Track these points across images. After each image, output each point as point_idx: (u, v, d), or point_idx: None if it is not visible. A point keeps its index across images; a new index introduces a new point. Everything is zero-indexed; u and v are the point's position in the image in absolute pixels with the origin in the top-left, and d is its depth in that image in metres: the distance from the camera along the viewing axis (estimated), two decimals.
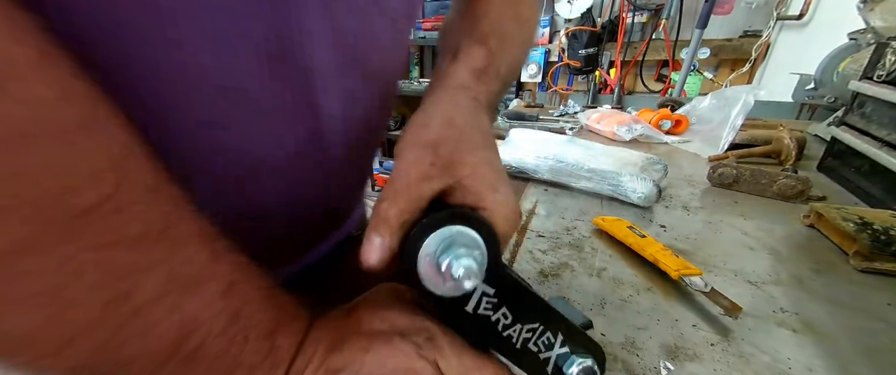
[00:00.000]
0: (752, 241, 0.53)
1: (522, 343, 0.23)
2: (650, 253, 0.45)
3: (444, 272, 0.19)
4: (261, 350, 0.20)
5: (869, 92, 0.68)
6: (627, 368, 0.33)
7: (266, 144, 0.26)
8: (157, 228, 0.15)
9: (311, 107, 0.26)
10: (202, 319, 0.17)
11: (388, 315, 0.24)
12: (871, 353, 0.35)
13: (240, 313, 0.19)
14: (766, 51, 1.97)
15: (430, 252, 0.19)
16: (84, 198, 0.13)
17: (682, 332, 0.36)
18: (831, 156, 0.76)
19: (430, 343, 0.23)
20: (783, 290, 0.43)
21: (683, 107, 1.11)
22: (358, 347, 0.22)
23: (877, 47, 0.69)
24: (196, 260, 0.17)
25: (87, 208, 0.13)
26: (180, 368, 0.17)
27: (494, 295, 0.21)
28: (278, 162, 0.27)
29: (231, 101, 0.22)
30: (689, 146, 0.95)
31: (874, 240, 0.46)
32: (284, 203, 0.31)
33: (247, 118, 0.24)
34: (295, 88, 0.24)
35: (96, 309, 0.14)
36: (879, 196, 0.63)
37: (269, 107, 0.24)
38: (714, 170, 0.69)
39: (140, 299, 0.15)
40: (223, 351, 0.18)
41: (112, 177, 0.14)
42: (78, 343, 0.14)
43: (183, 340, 0.17)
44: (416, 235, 0.19)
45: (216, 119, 0.23)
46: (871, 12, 0.94)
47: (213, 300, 0.18)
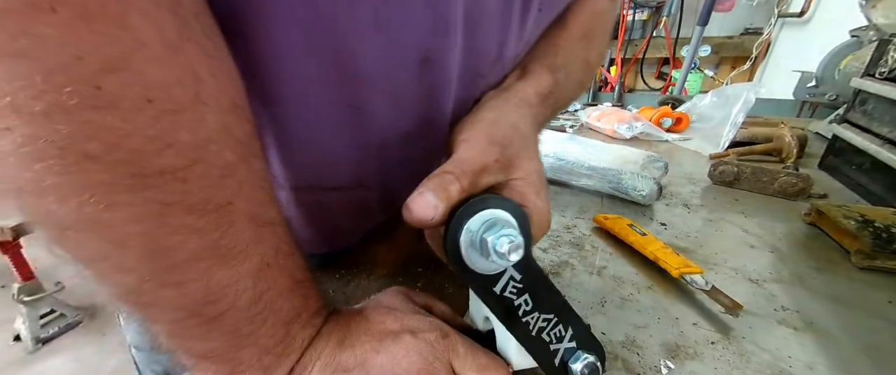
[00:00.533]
0: (752, 239, 0.52)
1: (537, 332, 0.24)
2: (651, 252, 0.45)
3: (486, 248, 0.20)
4: (275, 335, 0.21)
5: (871, 89, 0.67)
6: (628, 366, 0.33)
7: (391, 126, 0.29)
8: (215, 202, 0.17)
9: (431, 100, 0.29)
10: (228, 291, 0.18)
11: (399, 316, 0.25)
12: (871, 351, 0.35)
13: (264, 295, 0.20)
14: (767, 48, 1.96)
15: (474, 229, 0.21)
16: (161, 162, 0.15)
17: (683, 330, 0.36)
18: (832, 154, 0.76)
19: (444, 342, 0.23)
20: (784, 288, 0.43)
21: (684, 104, 1.10)
22: (369, 347, 0.23)
23: (879, 44, 0.69)
24: (239, 238, 0.18)
25: (161, 170, 0.15)
26: (198, 328, 0.19)
27: (520, 281, 0.23)
28: (398, 141, 0.31)
29: (379, 91, 0.26)
30: (690, 144, 0.94)
31: (875, 238, 0.46)
32: (387, 178, 0.35)
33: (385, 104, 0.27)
34: (428, 87, 0.28)
35: (140, 253, 0.16)
36: (880, 193, 0.62)
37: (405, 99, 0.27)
38: (715, 168, 0.69)
39: (179, 257, 0.17)
40: (241, 326, 0.19)
41: (192, 153, 0.16)
42: (121, 276, 0.17)
43: (206, 304, 0.18)
44: (464, 212, 0.21)
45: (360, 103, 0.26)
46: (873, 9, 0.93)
47: (242, 277, 0.19)
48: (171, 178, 0.15)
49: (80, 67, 0.13)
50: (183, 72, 0.15)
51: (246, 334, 0.20)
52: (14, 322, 1.52)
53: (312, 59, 0.22)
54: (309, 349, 0.22)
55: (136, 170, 0.15)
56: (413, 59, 0.25)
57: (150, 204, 0.15)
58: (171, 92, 0.15)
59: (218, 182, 0.17)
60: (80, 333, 1.58)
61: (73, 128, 0.13)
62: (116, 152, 0.14)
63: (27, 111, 0.13)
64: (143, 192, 0.15)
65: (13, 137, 0.13)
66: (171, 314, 0.18)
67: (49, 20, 0.12)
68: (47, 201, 0.14)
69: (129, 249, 0.16)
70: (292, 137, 0.27)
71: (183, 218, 0.16)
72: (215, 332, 0.19)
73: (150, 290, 0.17)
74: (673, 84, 2.10)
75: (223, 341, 0.20)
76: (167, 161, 0.15)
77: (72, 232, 0.15)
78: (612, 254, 0.49)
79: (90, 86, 0.13)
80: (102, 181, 0.14)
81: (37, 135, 0.13)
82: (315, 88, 0.24)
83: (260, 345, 0.20)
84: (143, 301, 0.18)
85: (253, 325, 0.20)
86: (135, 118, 0.14)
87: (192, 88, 0.16)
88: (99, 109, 0.13)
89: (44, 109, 0.13)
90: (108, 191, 0.14)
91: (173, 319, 0.18)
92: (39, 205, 0.15)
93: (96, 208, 0.14)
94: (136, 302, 0.18)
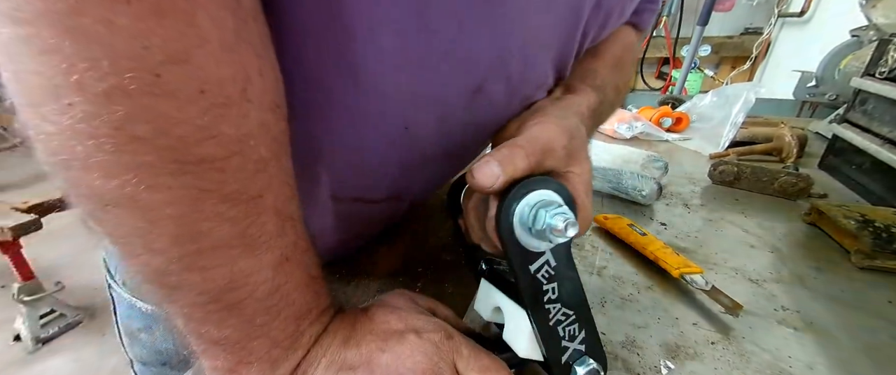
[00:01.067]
0: (752, 239, 0.52)
1: (554, 323, 0.24)
2: (651, 251, 0.45)
3: (539, 223, 0.21)
4: (286, 328, 0.21)
5: (871, 89, 0.67)
6: (628, 367, 0.33)
7: (436, 145, 0.31)
8: (248, 194, 0.18)
9: (477, 124, 0.31)
10: (249, 280, 0.19)
11: (404, 316, 0.25)
12: (871, 351, 0.35)
13: (281, 288, 0.21)
14: (767, 48, 1.96)
15: (531, 203, 0.22)
16: (202, 151, 0.16)
17: (683, 331, 0.36)
18: (832, 154, 0.76)
19: (448, 343, 0.24)
20: (784, 288, 0.43)
21: (684, 104, 1.10)
22: (374, 346, 0.23)
23: (879, 44, 0.69)
24: (264, 230, 0.19)
25: (202, 159, 0.16)
26: (217, 313, 0.19)
27: (554, 269, 0.23)
28: (439, 158, 0.33)
29: (432, 115, 0.27)
30: (690, 144, 0.94)
31: (875, 238, 0.46)
32: (420, 191, 0.37)
33: (434, 126, 0.29)
34: (477, 112, 0.29)
35: (173, 235, 0.17)
36: (880, 193, 0.62)
37: (454, 122, 0.29)
38: (715, 168, 0.69)
39: (208, 242, 0.17)
40: (257, 316, 0.20)
41: (233, 145, 0.17)
42: (150, 255, 0.17)
43: (227, 291, 0.19)
44: (524, 187, 0.22)
45: (413, 125, 0.28)
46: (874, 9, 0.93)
47: (264, 267, 0.20)
48: (210, 167, 0.16)
49: (146, 57, 0.14)
50: (235, 70, 0.16)
51: (260, 324, 0.20)
52: (14, 322, 1.51)
53: (386, 79, 0.24)
54: (315, 345, 0.23)
55: (180, 156, 0.16)
56: (470, 87, 0.26)
57: (188, 190, 0.16)
58: (223, 87, 0.16)
59: (252, 175, 0.18)
60: (80, 333, 1.58)
61: (129, 111, 0.14)
62: (164, 137, 0.15)
63: (91, 90, 0.14)
64: (183, 177, 0.16)
65: (73, 113, 0.14)
66: (193, 297, 0.19)
67: (126, 11, 0.13)
68: (93, 176, 0.15)
69: (163, 230, 0.17)
70: (345, 149, 0.28)
71: (217, 206, 0.17)
72: (232, 320, 0.20)
73: (178, 272, 0.18)
74: (673, 84, 2.10)
75: (238, 329, 0.20)
76: (209, 150, 0.16)
77: (111, 207, 0.16)
78: (612, 254, 0.49)
79: (151, 75, 0.14)
80: (148, 163, 0.15)
81: (96, 114, 0.14)
82: (392, 102, 0.26)
83: (271, 337, 0.21)
84: (170, 282, 0.18)
85: (268, 316, 0.20)
86: (186, 108, 0.15)
87: (240, 85, 0.17)
88: (155, 96, 0.14)
89: (106, 90, 0.14)
90: (151, 173, 0.15)
91: (194, 303, 0.19)
92: (84, 179, 0.15)
93: (138, 188, 0.15)
94: (163, 282, 0.18)
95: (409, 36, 0.22)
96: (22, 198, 1.48)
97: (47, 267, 1.85)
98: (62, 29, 0.13)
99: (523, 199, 0.22)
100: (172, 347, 0.42)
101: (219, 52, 0.15)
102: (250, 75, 0.17)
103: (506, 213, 0.22)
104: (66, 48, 0.13)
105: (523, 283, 0.23)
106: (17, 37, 0.13)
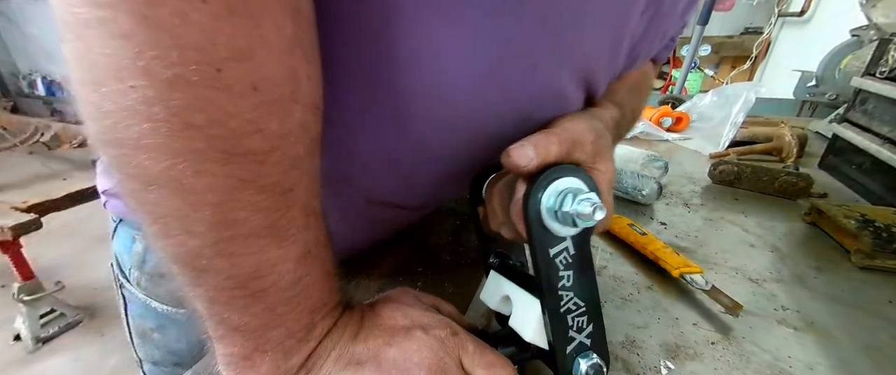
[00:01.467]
0: (753, 239, 0.52)
1: (565, 311, 0.24)
2: (651, 251, 0.45)
3: (566, 206, 0.22)
4: (302, 320, 0.22)
5: (871, 88, 0.67)
6: (628, 367, 0.33)
7: (475, 161, 0.32)
8: (282, 187, 0.19)
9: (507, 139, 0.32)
10: (275, 269, 0.20)
11: (409, 312, 0.26)
12: (871, 351, 0.35)
13: (302, 280, 0.21)
14: (767, 48, 1.96)
15: (559, 188, 0.23)
16: (248, 144, 0.17)
17: (683, 331, 0.36)
18: (832, 154, 0.76)
19: (454, 339, 0.24)
20: (784, 288, 0.43)
21: (684, 104, 1.10)
22: (381, 341, 0.24)
23: (879, 44, 0.69)
24: (293, 223, 0.20)
25: (247, 151, 0.17)
26: (241, 300, 0.20)
27: (572, 257, 0.24)
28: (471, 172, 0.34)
29: (482, 136, 0.29)
30: (690, 143, 0.94)
31: (876, 238, 0.46)
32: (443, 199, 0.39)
33: (482, 147, 0.30)
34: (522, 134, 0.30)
35: (210, 220, 0.18)
36: (880, 193, 0.62)
37: (497, 142, 0.29)
38: (715, 168, 0.69)
39: (242, 230, 0.18)
40: (278, 305, 0.21)
41: (276, 141, 0.18)
42: (185, 237, 0.18)
43: (254, 278, 0.20)
44: (555, 171, 0.23)
45: (464, 147, 0.30)
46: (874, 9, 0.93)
47: (289, 258, 0.20)
48: (252, 159, 0.17)
49: (212, 51, 0.15)
50: (288, 72, 0.17)
51: (280, 314, 0.21)
52: (14, 321, 1.52)
53: (469, 97, 0.25)
54: (325, 339, 0.23)
55: (228, 147, 0.16)
56: (521, 116, 0.28)
57: (230, 178, 0.17)
58: (275, 86, 0.17)
59: (288, 170, 0.19)
60: (80, 333, 1.58)
61: (188, 100, 0.15)
62: (217, 128, 0.16)
63: (156, 77, 0.14)
64: (228, 166, 0.17)
65: (135, 96, 0.15)
66: (220, 281, 0.19)
67: (201, 8, 0.14)
68: (143, 157, 0.16)
69: (203, 215, 0.17)
70: (398, 159, 0.29)
71: (254, 196, 0.18)
72: (254, 307, 0.20)
73: (210, 256, 0.18)
74: (673, 83, 2.10)
75: (259, 317, 0.21)
76: (254, 143, 0.17)
77: (156, 188, 0.17)
78: (612, 254, 0.49)
79: (213, 68, 0.15)
80: (198, 149, 0.16)
81: (157, 99, 0.15)
82: (440, 127, 0.28)
83: (287, 327, 0.22)
84: (201, 264, 0.19)
85: (287, 306, 0.21)
86: (239, 102, 0.16)
87: (290, 86, 0.18)
88: (214, 89, 0.15)
89: (170, 78, 0.15)
90: (199, 159, 0.16)
91: (221, 287, 0.20)
92: (134, 158, 0.16)
93: (185, 172, 0.16)
94: (194, 264, 0.19)
95: (475, 70, 0.23)
96: (22, 198, 1.48)
97: (47, 266, 1.85)
98: (140, 17, 0.14)
99: (553, 183, 0.23)
100: (185, 347, 0.43)
101: (276, 53, 0.17)
102: (300, 77, 0.18)
103: (535, 193, 0.22)
104: (140, 35, 0.14)
105: (541, 265, 0.23)
106: (95, 18, 0.14)
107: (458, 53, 0.23)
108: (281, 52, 0.17)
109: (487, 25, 0.22)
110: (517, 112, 0.28)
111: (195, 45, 0.15)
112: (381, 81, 0.24)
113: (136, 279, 0.42)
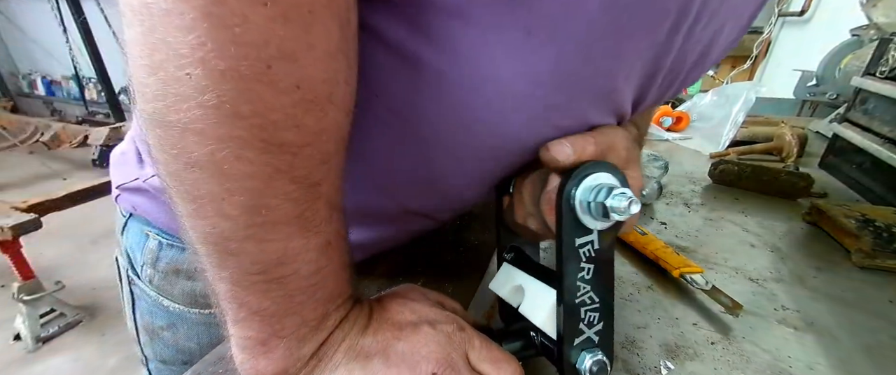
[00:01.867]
0: (753, 238, 0.52)
1: (579, 303, 0.25)
2: (651, 251, 0.45)
3: (601, 198, 0.22)
4: (317, 309, 0.23)
5: (871, 88, 0.67)
6: (628, 367, 0.33)
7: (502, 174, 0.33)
8: (312, 179, 0.20)
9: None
10: (298, 258, 0.21)
11: (416, 308, 0.26)
12: (872, 351, 0.35)
13: (322, 270, 0.22)
14: (767, 47, 1.96)
15: (593, 183, 0.23)
16: (286, 137, 0.18)
17: (683, 331, 0.36)
18: (833, 153, 0.76)
19: (461, 334, 0.25)
20: (784, 288, 0.43)
21: (684, 104, 1.10)
22: (390, 335, 0.24)
23: (879, 43, 0.69)
24: (318, 215, 0.21)
25: (283, 143, 0.18)
26: (263, 284, 0.21)
27: (595, 252, 0.24)
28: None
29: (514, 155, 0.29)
30: (690, 143, 0.94)
31: (876, 237, 0.46)
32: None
33: (509, 163, 0.30)
34: None
35: (244, 204, 0.19)
36: (881, 193, 0.62)
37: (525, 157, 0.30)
38: (715, 167, 0.69)
39: (272, 216, 0.19)
40: (296, 293, 0.22)
41: (311, 137, 0.19)
42: (218, 219, 0.19)
43: (278, 265, 0.21)
44: (592, 167, 0.24)
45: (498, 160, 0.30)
46: (874, 8, 0.93)
47: (311, 248, 0.21)
48: (287, 151, 0.18)
49: (264, 50, 0.16)
50: (329, 75, 0.19)
51: (298, 302, 0.22)
52: (14, 321, 1.52)
53: (512, 113, 0.25)
54: (336, 330, 0.24)
55: (268, 137, 0.18)
56: (557, 134, 0.28)
57: (266, 167, 0.18)
58: (316, 86, 0.18)
59: (318, 164, 0.20)
60: (81, 332, 1.59)
61: (238, 90, 0.16)
62: (260, 118, 0.17)
63: (212, 67, 0.16)
64: (265, 155, 0.18)
65: (190, 83, 0.16)
66: (246, 265, 0.20)
67: (261, 11, 0.15)
68: (189, 139, 0.17)
69: (237, 199, 0.18)
70: (442, 173, 0.30)
71: (286, 186, 0.19)
72: (275, 292, 0.21)
73: (241, 239, 0.20)
74: None
75: (279, 303, 0.22)
76: (291, 136, 0.18)
77: (197, 169, 0.18)
78: None
79: (264, 65, 0.16)
80: (240, 137, 0.17)
81: (210, 87, 0.16)
82: (488, 157, 0.28)
83: (303, 316, 0.22)
84: (230, 248, 0.20)
85: (305, 295, 0.22)
86: (282, 97, 0.17)
87: (329, 88, 0.19)
88: (261, 83, 0.17)
89: (223, 69, 0.16)
90: (240, 146, 0.17)
91: (246, 270, 0.21)
92: (180, 140, 0.17)
93: (227, 157, 0.17)
94: (223, 247, 0.20)
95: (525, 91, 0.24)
96: (22, 198, 1.48)
97: (47, 266, 1.85)
98: (205, 12, 0.15)
99: (590, 176, 0.23)
100: (196, 346, 0.43)
101: (321, 57, 0.18)
102: (339, 81, 0.19)
103: (571, 184, 0.23)
104: (202, 28, 0.15)
105: (566, 252, 0.24)
106: (161, 8, 0.15)
107: (513, 91, 0.23)
108: (326, 56, 0.18)
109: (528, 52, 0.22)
110: (557, 132, 0.28)
111: (250, 42, 0.16)
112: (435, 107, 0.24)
113: (148, 276, 0.41)
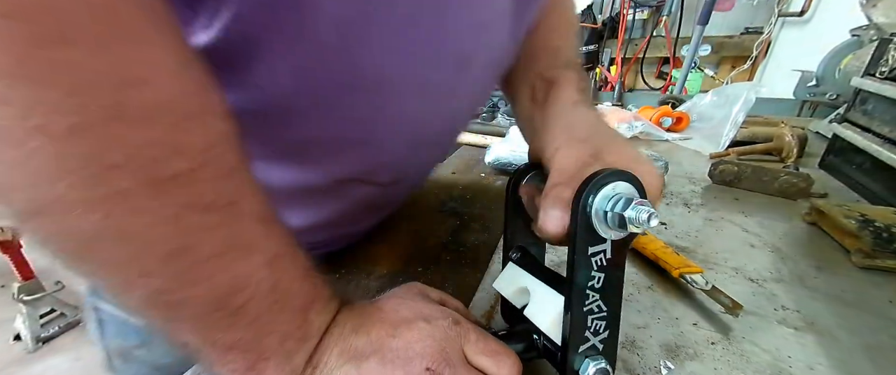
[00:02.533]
0: (753, 238, 0.52)
1: (587, 311, 0.24)
2: (651, 251, 0.45)
3: (619, 209, 0.22)
4: (294, 320, 0.22)
5: (871, 88, 0.67)
6: (628, 367, 0.33)
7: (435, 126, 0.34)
8: (224, 201, 0.18)
9: (465, 99, 0.35)
10: (249, 282, 0.20)
11: (412, 305, 0.26)
12: (872, 351, 0.35)
13: (279, 283, 0.21)
14: (767, 47, 1.96)
15: (613, 193, 0.23)
16: (176, 166, 0.16)
17: (683, 331, 0.36)
18: (833, 154, 0.76)
19: (456, 328, 0.25)
20: (784, 288, 0.43)
21: (684, 104, 1.10)
22: (384, 333, 0.24)
23: (879, 43, 0.69)
24: (250, 232, 0.20)
25: (175, 174, 0.16)
26: (225, 319, 0.20)
27: (607, 261, 0.24)
28: (434, 140, 0.37)
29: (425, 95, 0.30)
30: (690, 143, 0.94)
31: (876, 237, 0.46)
32: (414, 175, 0.41)
33: (431, 103, 0.31)
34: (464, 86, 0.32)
35: (163, 254, 0.17)
36: (881, 193, 0.62)
37: (442, 95, 0.31)
38: (715, 167, 0.69)
39: (199, 254, 0.18)
40: (262, 313, 0.21)
41: (201, 156, 0.17)
42: (146, 279, 0.17)
43: (230, 295, 0.19)
44: (611, 176, 0.23)
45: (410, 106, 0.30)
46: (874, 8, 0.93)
47: (259, 267, 0.20)
48: (184, 181, 0.17)
49: (103, 87, 0.14)
50: (191, 86, 0.17)
51: (267, 321, 0.21)
52: (14, 321, 1.52)
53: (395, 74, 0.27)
54: (326, 335, 0.24)
55: (154, 175, 0.16)
56: (458, 67, 0.29)
57: (167, 208, 0.16)
58: (181, 103, 0.16)
59: (225, 182, 0.19)
60: (81, 332, 1.59)
61: (96, 142, 0.14)
62: (135, 160, 0.15)
63: (53, 130, 0.13)
64: (161, 197, 0.16)
65: (41, 155, 0.14)
66: (199, 308, 0.19)
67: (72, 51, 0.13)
68: (72, 216, 0.15)
69: (153, 252, 0.17)
70: (375, 134, 0.30)
71: (199, 218, 0.18)
72: (240, 322, 0.20)
73: (177, 289, 0.18)
74: (673, 83, 2.10)
75: (248, 330, 0.21)
76: (180, 165, 0.16)
77: (97, 242, 0.16)
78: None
79: (111, 102, 0.14)
80: (125, 189, 0.15)
81: (63, 152, 0.14)
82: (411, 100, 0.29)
83: (281, 331, 0.22)
84: (172, 300, 0.18)
85: (273, 313, 0.21)
86: (151, 127, 0.15)
87: (198, 99, 0.17)
88: (120, 122, 0.15)
89: (69, 127, 0.14)
90: (130, 198, 0.15)
91: (201, 313, 0.19)
92: (63, 222, 0.15)
93: (120, 216, 0.16)
94: (165, 301, 0.18)
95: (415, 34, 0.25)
96: None
97: (47, 266, 1.85)
98: (12, 78, 0.13)
99: (608, 186, 0.23)
100: (173, 361, 0.41)
101: (173, 71, 0.16)
102: (206, 88, 0.18)
103: (590, 192, 0.23)
104: (18, 96, 0.13)
105: (578, 259, 0.24)
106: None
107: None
108: (178, 68, 0.16)
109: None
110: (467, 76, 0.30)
111: (81, 87, 0.14)
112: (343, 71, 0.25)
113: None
